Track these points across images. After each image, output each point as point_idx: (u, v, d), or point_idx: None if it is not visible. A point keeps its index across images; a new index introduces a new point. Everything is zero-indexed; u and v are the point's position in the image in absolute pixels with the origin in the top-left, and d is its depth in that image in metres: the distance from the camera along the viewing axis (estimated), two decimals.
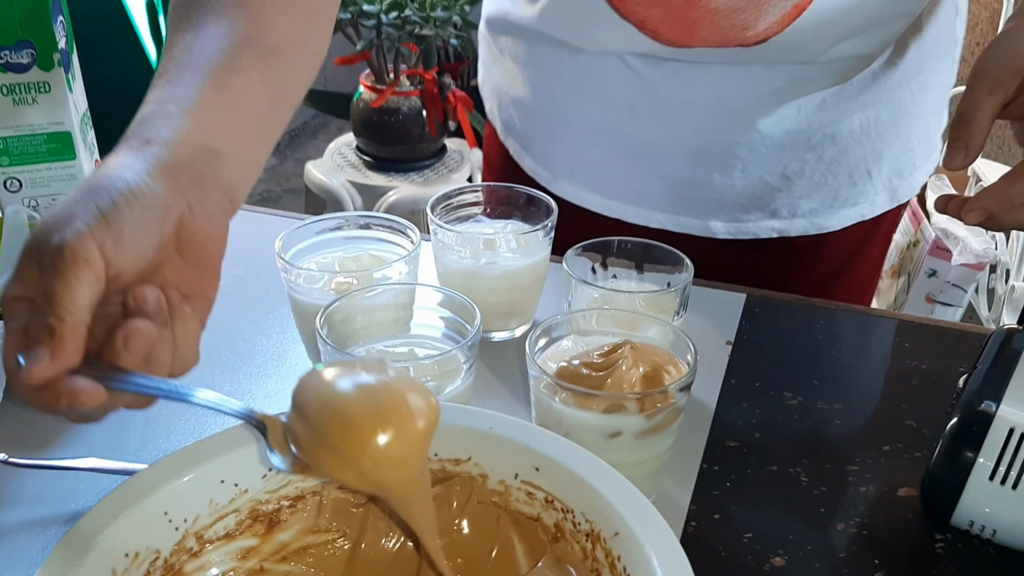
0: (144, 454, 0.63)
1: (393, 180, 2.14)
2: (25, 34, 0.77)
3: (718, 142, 0.83)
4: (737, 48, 0.75)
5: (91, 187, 0.46)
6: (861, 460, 0.65)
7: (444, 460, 0.52)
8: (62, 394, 0.43)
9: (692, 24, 0.73)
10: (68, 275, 0.43)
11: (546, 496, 0.50)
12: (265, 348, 0.75)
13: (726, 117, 0.81)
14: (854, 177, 0.86)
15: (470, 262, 0.74)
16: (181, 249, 0.49)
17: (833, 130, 0.83)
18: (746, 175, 0.85)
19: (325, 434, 0.45)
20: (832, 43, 0.77)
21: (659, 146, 0.85)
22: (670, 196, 0.87)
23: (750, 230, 0.88)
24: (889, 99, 0.84)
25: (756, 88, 0.80)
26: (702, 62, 0.79)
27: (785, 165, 0.84)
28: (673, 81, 0.80)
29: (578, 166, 0.90)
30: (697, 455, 0.64)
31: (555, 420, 0.56)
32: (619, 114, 0.84)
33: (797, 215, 0.87)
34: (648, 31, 0.75)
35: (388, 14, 1.96)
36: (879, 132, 0.85)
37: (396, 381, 0.47)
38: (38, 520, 0.58)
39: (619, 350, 0.57)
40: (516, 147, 0.95)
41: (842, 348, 0.77)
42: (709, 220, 0.88)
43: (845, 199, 0.87)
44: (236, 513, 0.50)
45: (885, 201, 0.90)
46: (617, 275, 0.73)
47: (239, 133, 0.53)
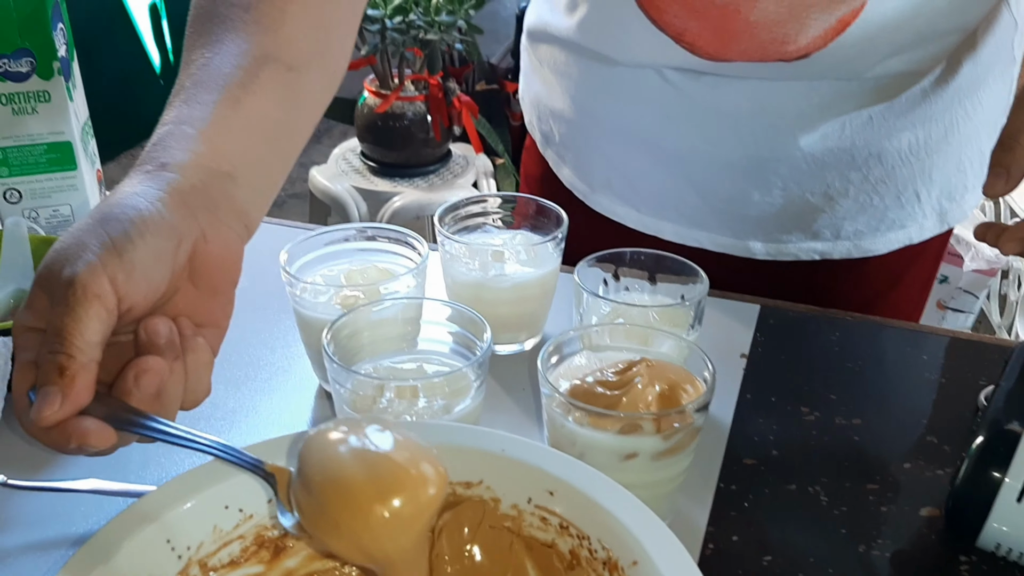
0: (147, 475, 0.62)
1: (398, 186, 2.12)
2: (24, 42, 0.76)
3: (757, 157, 0.80)
4: (777, 63, 0.72)
5: (103, 215, 0.45)
6: (882, 478, 0.63)
7: (455, 483, 0.51)
8: (72, 435, 0.43)
9: (730, 37, 0.71)
10: (79, 311, 0.42)
11: (561, 521, 0.48)
12: (270, 362, 0.74)
13: (765, 131, 0.79)
14: (902, 199, 0.83)
15: (479, 274, 0.72)
16: (194, 277, 0.48)
17: (879, 149, 0.80)
18: (787, 193, 0.82)
19: (326, 507, 0.44)
20: (878, 59, 0.74)
21: (695, 158, 0.82)
22: (708, 213, 0.85)
23: (791, 251, 0.85)
24: (940, 118, 0.80)
25: (798, 103, 0.77)
26: (740, 76, 0.76)
27: (828, 184, 0.81)
28: (711, 94, 0.78)
29: (615, 179, 0.89)
30: (713, 473, 0.63)
31: (568, 440, 0.54)
32: (656, 125, 0.82)
33: (840, 237, 0.84)
34: (685, 44, 0.73)
35: (393, 18, 1.95)
36: (929, 152, 0.81)
37: (403, 449, 0.46)
38: (38, 544, 0.56)
39: (634, 367, 0.55)
40: (555, 159, 0.94)
41: (859, 360, 0.76)
42: (748, 240, 0.85)
43: (892, 221, 0.84)
44: (241, 539, 0.49)
45: (934, 224, 0.86)
46: (629, 287, 0.71)
47: (255, 154, 0.52)
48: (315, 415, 0.69)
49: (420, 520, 0.45)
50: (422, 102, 2.10)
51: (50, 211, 0.81)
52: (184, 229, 0.46)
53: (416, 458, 0.46)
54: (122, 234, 0.44)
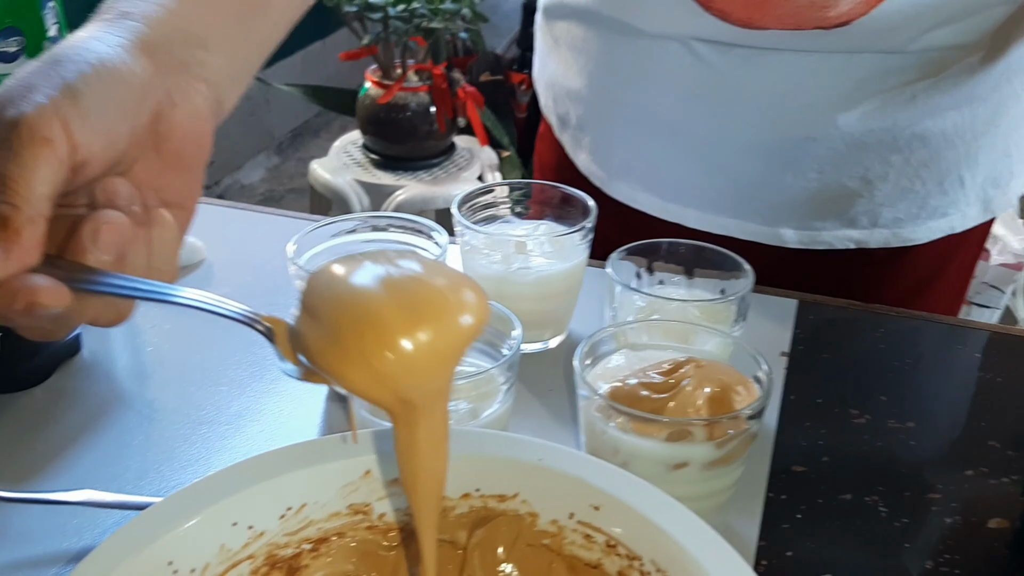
0: (144, 485, 0.56)
1: (401, 179, 2.07)
2: (12, 20, 0.70)
3: (791, 138, 0.75)
4: (814, 32, 0.67)
5: (55, 57, 0.40)
6: (943, 487, 0.58)
7: (487, 496, 0.46)
8: (19, 294, 0.37)
9: (763, 2, 0.66)
10: (25, 156, 0.37)
11: (608, 539, 0.43)
12: (276, 363, 0.68)
13: (801, 110, 0.73)
14: (945, 184, 0.78)
15: (500, 267, 0.67)
16: (159, 145, 0.42)
17: (924, 130, 0.74)
18: (822, 177, 0.76)
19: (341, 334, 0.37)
20: (923, 30, 0.68)
21: (725, 141, 0.77)
22: (736, 199, 0.80)
23: (824, 240, 0.80)
24: (988, 98, 0.75)
25: (836, 78, 0.72)
26: (774, 48, 0.71)
27: (867, 167, 0.76)
28: (742, 68, 0.73)
29: (635, 163, 0.83)
30: (761, 482, 0.58)
31: (610, 448, 0.49)
32: (682, 104, 0.77)
33: (878, 225, 0.79)
34: (715, 10, 0.68)
35: (395, 7, 1.89)
36: (975, 134, 0.76)
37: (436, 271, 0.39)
38: (27, 561, 0.51)
39: (682, 368, 0.50)
40: (571, 143, 0.88)
41: (907, 359, 0.71)
42: (779, 227, 0.80)
43: (933, 209, 0.79)
44: (251, 560, 0.44)
45: (978, 212, 0.81)
46: (664, 281, 0.66)
47: (230, 29, 0.47)
48: (326, 419, 0.64)
49: (455, 354, 0.38)
50: (426, 93, 2.05)
51: None
52: (148, 81, 0.41)
53: (453, 282, 0.39)
54: (78, 77, 0.39)
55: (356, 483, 0.45)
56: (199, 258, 0.81)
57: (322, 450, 0.46)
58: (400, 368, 0.37)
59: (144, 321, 0.73)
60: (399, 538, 0.47)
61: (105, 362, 0.68)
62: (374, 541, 0.46)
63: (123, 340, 0.71)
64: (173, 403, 0.64)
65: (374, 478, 0.45)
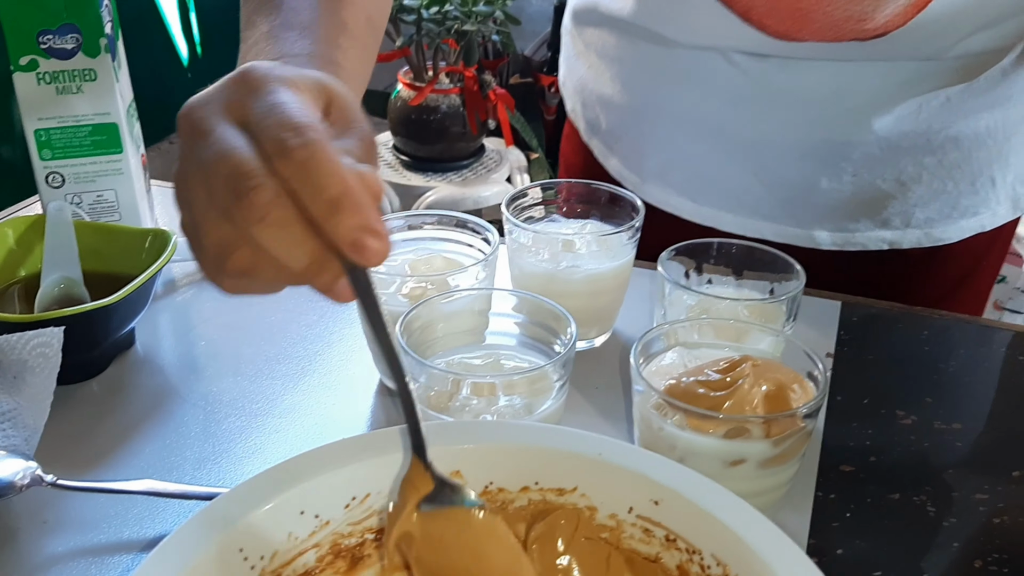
0: (202, 475, 0.58)
1: (431, 180, 2.08)
2: (70, 17, 0.72)
3: (830, 142, 0.76)
4: (853, 43, 0.68)
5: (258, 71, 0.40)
6: (991, 487, 0.59)
7: (546, 490, 0.47)
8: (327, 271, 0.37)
9: (802, 15, 0.66)
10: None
11: (667, 534, 0.44)
12: (328, 357, 0.70)
13: (840, 115, 0.74)
14: (976, 184, 0.78)
15: (549, 265, 0.68)
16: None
17: (957, 132, 0.75)
18: (857, 179, 0.77)
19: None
20: (961, 37, 0.69)
21: (763, 145, 0.78)
22: (772, 202, 0.80)
23: (858, 241, 0.80)
24: (1020, 98, 0.75)
25: (873, 83, 0.72)
26: (812, 58, 0.71)
27: (901, 169, 0.76)
28: (782, 75, 0.73)
29: (670, 168, 0.83)
30: (811, 481, 0.58)
31: (667, 444, 0.50)
32: (720, 109, 0.78)
33: (911, 225, 0.79)
34: (754, 22, 0.68)
35: (428, 9, 1.90)
36: (1007, 135, 0.77)
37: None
38: (90, 548, 0.52)
39: (739, 367, 0.51)
40: (601, 148, 0.89)
41: (952, 361, 0.71)
42: (813, 230, 0.80)
43: (965, 208, 0.79)
44: (316, 548, 0.45)
45: (1007, 211, 0.81)
46: (713, 281, 0.67)
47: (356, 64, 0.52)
48: (375, 413, 0.65)
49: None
50: (457, 95, 2.06)
51: (94, 196, 0.77)
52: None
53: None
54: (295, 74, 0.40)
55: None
56: None
57: (385, 441, 0.46)
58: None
59: (196, 316, 0.74)
60: None
61: (158, 356, 0.70)
62: None
63: (175, 334, 0.73)
64: (228, 396, 0.65)
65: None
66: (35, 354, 0.58)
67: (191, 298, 0.77)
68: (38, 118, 0.74)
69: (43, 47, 0.72)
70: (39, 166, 0.76)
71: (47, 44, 0.72)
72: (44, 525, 0.54)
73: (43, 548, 0.52)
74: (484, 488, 0.47)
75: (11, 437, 0.55)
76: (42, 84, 0.73)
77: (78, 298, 0.68)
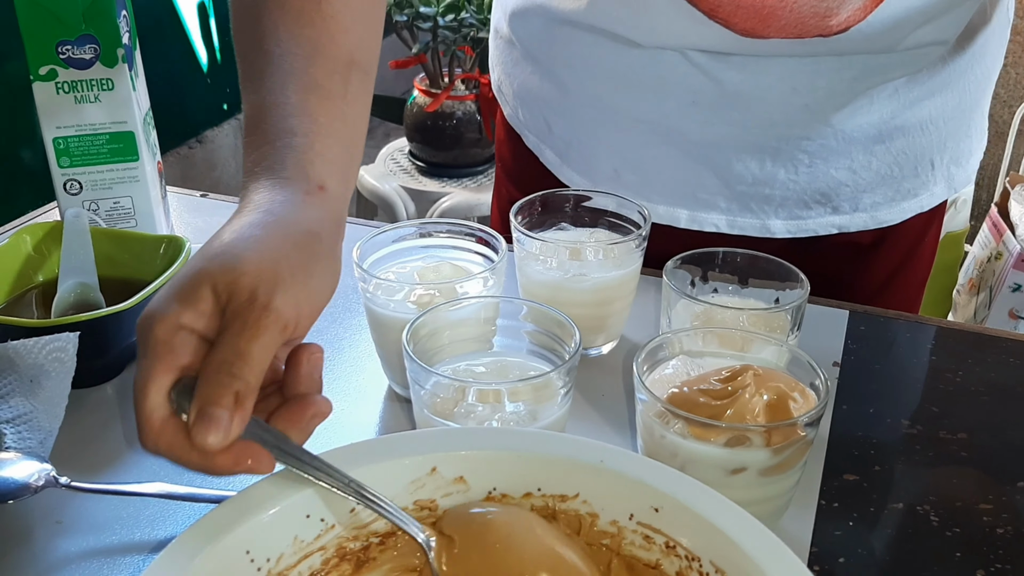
0: (212, 479, 0.58)
1: (446, 186, 2.09)
2: (88, 28, 0.73)
3: (788, 137, 0.77)
4: (815, 40, 0.69)
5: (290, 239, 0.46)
6: (995, 498, 0.59)
7: (548, 496, 0.47)
8: (240, 461, 0.42)
9: (769, 12, 0.67)
10: (267, 339, 0.42)
11: (667, 541, 0.45)
12: (338, 363, 0.71)
13: (798, 111, 0.76)
14: (918, 168, 0.81)
15: (557, 273, 0.69)
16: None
17: (903, 121, 0.78)
18: (812, 170, 0.79)
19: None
20: (913, 28, 0.71)
21: (723, 144, 0.78)
22: (728, 196, 0.81)
23: (810, 227, 0.82)
24: (956, 85, 0.78)
25: (829, 79, 0.74)
26: (772, 55, 0.72)
27: (853, 158, 0.79)
28: (740, 75, 0.74)
29: (624, 170, 0.84)
30: (814, 489, 0.59)
31: (669, 452, 0.51)
32: (678, 109, 0.78)
33: (858, 209, 0.82)
34: (720, 19, 0.69)
35: (445, 16, 1.92)
36: (945, 120, 0.80)
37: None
38: (102, 548, 0.54)
39: (740, 376, 0.51)
40: (551, 156, 0.88)
41: (958, 370, 0.71)
42: (768, 219, 0.82)
43: (907, 191, 0.82)
44: (322, 551, 0.45)
45: (943, 191, 0.84)
46: (718, 289, 0.67)
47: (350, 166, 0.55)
48: (384, 418, 0.65)
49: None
50: (472, 101, 2.07)
51: (111, 203, 0.79)
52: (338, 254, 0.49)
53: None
54: (309, 259, 0.45)
55: (423, 479, 0.47)
56: None
57: (391, 447, 0.47)
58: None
59: None
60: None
61: None
62: (438, 537, 0.48)
63: None
64: None
65: (440, 475, 0.47)
66: (51, 359, 0.59)
67: None
68: (56, 126, 0.75)
69: (62, 57, 0.73)
70: (57, 173, 0.77)
71: (66, 54, 0.73)
72: (58, 526, 0.55)
73: (57, 548, 0.53)
74: (488, 494, 0.48)
75: (27, 440, 0.56)
76: (61, 93, 0.74)
77: (94, 303, 0.69)
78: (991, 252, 1.62)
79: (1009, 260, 1.55)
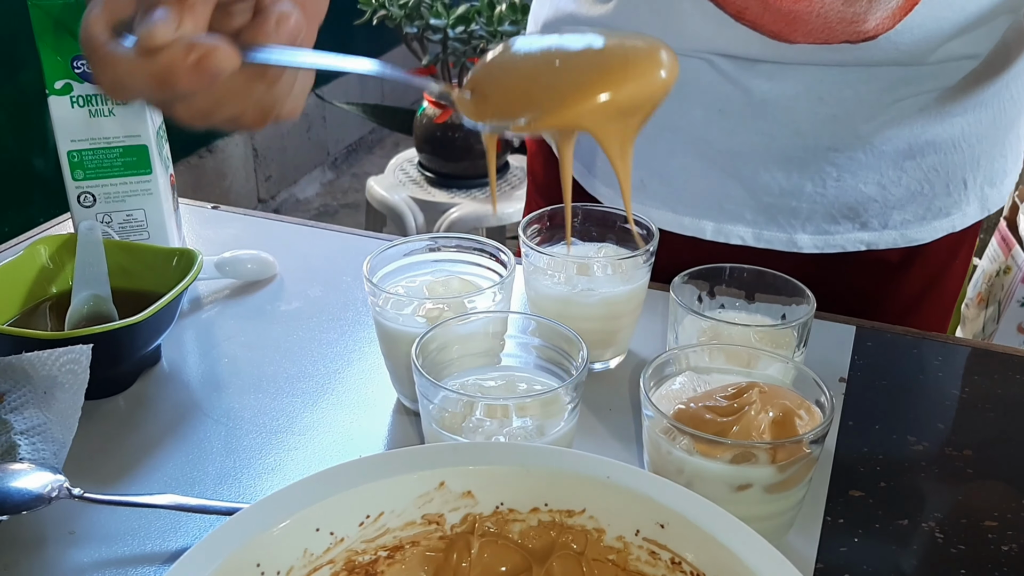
0: (223, 491, 0.59)
1: (455, 197, 2.10)
2: None
3: (815, 148, 0.77)
4: (843, 46, 0.69)
5: None
6: (1000, 515, 0.59)
7: (555, 511, 0.48)
8: (195, 47, 0.38)
9: (796, 17, 0.67)
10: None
11: (672, 557, 0.45)
12: (346, 377, 0.71)
13: (825, 121, 0.76)
14: (950, 187, 0.81)
15: (564, 288, 0.69)
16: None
17: (934, 136, 0.77)
18: (840, 184, 0.79)
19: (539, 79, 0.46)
20: (942, 41, 0.71)
21: (749, 153, 0.79)
22: (754, 208, 0.81)
23: (837, 243, 0.82)
24: (991, 103, 0.78)
25: (857, 90, 0.74)
26: (799, 63, 0.73)
27: (883, 173, 0.79)
28: (767, 83, 0.75)
29: (650, 180, 0.84)
30: (820, 505, 0.59)
31: (675, 468, 0.51)
32: (705, 119, 0.78)
33: (888, 227, 0.81)
34: (747, 22, 0.69)
35: (455, 28, 1.93)
36: (979, 138, 0.79)
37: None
38: (114, 560, 0.54)
39: (746, 393, 0.52)
40: (579, 167, 0.89)
41: (965, 388, 0.71)
42: (795, 233, 0.82)
43: (938, 210, 0.81)
44: (331, 564, 0.46)
45: (976, 211, 0.84)
46: (725, 305, 0.68)
47: None
48: (392, 432, 0.66)
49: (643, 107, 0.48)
50: None
51: (124, 215, 0.79)
52: None
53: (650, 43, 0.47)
54: None
55: (431, 494, 0.47)
56: (271, 273, 0.84)
57: (400, 461, 0.48)
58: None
59: (220, 334, 0.76)
60: (468, 549, 0.49)
61: (183, 372, 0.72)
62: (446, 551, 0.48)
63: (199, 351, 0.74)
64: (249, 413, 0.66)
65: (448, 490, 0.48)
66: (64, 370, 0.59)
67: (216, 316, 0.79)
68: (71, 140, 0.76)
69: (77, 72, 0.74)
70: (71, 186, 0.78)
71: (81, 69, 0.74)
72: (71, 537, 0.55)
73: (70, 559, 0.54)
74: (495, 509, 0.48)
75: (40, 451, 0.57)
76: (76, 107, 0.75)
77: (107, 315, 0.70)
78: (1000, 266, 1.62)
79: (1018, 274, 1.55)
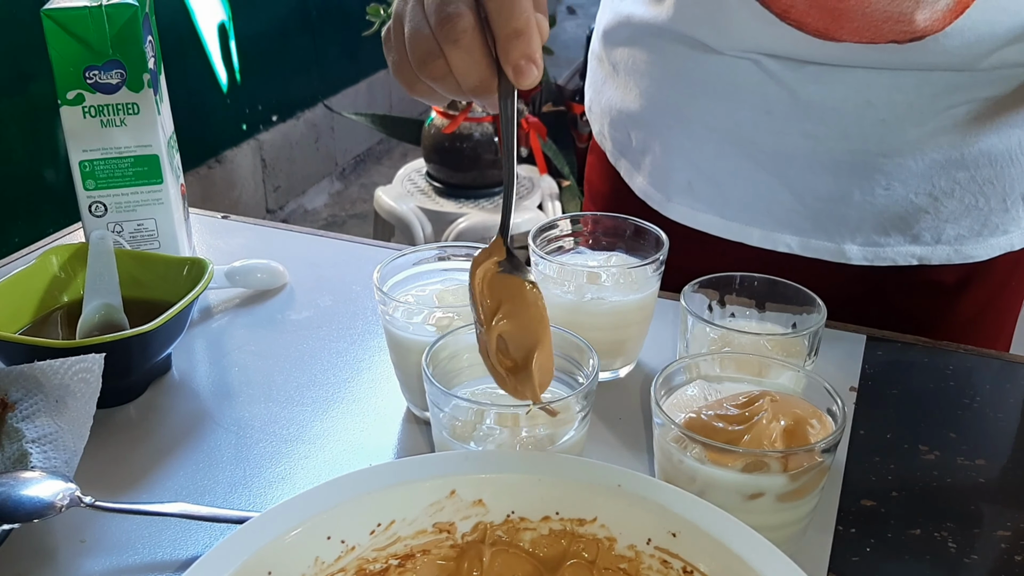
0: (234, 499, 0.59)
1: (463, 206, 2.11)
2: (115, 53, 0.75)
3: (864, 153, 0.76)
4: (890, 46, 0.68)
5: None
6: (1013, 524, 0.59)
7: (566, 520, 0.48)
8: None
9: (841, 14, 0.66)
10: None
11: (684, 566, 0.45)
12: (356, 385, 0.71)
13: (873, 126, 0.74)
14: (1007, 201, 0.78)
15: (574, 297, 0.69)
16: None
17: (989, 146, 0.75)
18: (890, 193, 0.77)
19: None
20: (995, 47, 0.69)
21: (795, 156, 0.78)
22: (802, 215, 0.80)
23: (888, 256, 0.80)
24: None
25: (907, 95, 0.73)
26: (846, 65, 0.72)
27: (934, 184, 0.77)
28: (815, 85, 0.74)
29: (698, 182, 0.84)
30: (831, 515, 0.59)
31: (686, 477, 0.51)
32: (752, 119, 0.78)
33: (941, 241, 0.79)
34: (792, 20, 0.68)
35: None
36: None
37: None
38: (125, 568, 0.54)
39: (758, 402, 0.52)
40: (628, 168, 0.89)
41: (977, 397, 0.71)
42: (844, 243, 0.80)
43: (995, 226, 0.79)
44: (342, 573, 0.46)
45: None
46: (735, 314, 0.67)
47: None
48: (402, 441, 0.66)
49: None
50: (490, 123, 2.09)
51: (135, 225, 0.80)
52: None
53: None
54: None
55: (442, 502, 0.47)
56: (281, 282, 0.84)
57: (411, 469, 0.48)
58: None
59: (230, 343, 0.76)
60: (480, 557, 0.49)
61: (194, 381, 0.72)
62: (457, 559, 0.48)
63: (210, 360, 0.75)
64: (259, 421, 0.67)
65: (459, 498, 0.48)
66: (76, 379, 0.60)
67: (226, 325, 0.79)
68: (83, 149, 0.77)
69: (89, 82, 0.75)
70: (83, 195, 0.78)
71: (93, 79, 0.75)
72: (82, 545, 0.55)
73: (81, 567, 0.54)
74: (506, 517, 0.48)
75: (52, 459, 0.57)
76: (87, 117, 0.76)
77: (118, 324, 0.70)
78: None
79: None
